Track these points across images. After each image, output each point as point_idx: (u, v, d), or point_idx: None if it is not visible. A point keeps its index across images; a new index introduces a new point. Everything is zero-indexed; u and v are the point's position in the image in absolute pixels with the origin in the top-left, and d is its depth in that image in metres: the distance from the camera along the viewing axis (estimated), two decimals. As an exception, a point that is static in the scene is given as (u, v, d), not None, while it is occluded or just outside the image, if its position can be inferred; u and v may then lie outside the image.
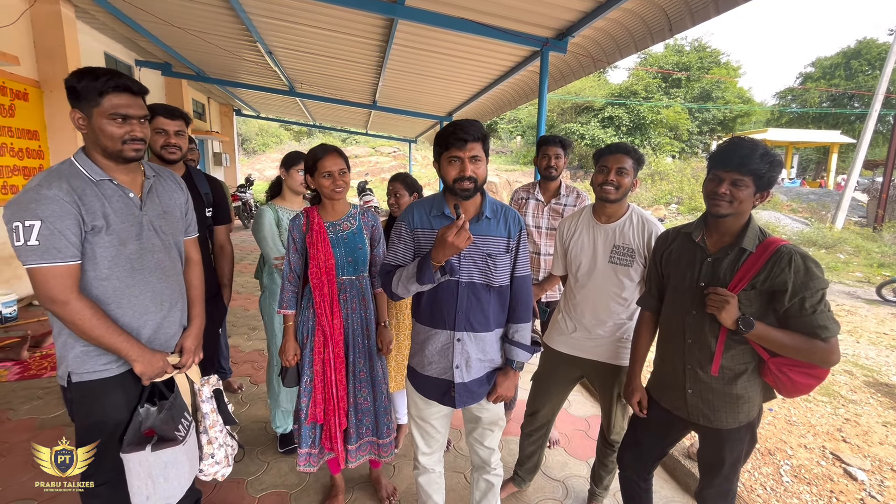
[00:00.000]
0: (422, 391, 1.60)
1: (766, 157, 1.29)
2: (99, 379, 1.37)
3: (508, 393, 1.59)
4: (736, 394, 1.42)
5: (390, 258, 1.55)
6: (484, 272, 1.48)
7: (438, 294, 1.49)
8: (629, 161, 1.76)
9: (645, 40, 3.66)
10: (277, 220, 2.29)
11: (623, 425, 1.97)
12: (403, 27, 4.44)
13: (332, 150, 1.79)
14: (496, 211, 1.53)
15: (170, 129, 1.99)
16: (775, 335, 1.32)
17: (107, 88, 1.25)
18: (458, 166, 1.39)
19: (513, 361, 1.57)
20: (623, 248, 1.81)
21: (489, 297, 1.51)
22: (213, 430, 1.54)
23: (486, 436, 1.68)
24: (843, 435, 3.06)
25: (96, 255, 1.30)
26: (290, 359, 1.85)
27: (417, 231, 1.51)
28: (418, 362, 1.60)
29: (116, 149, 1.31)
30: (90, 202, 1.28)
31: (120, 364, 1.39)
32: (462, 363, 1.51)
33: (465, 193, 1.42)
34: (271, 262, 2.29)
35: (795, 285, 1.28)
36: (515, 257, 1.54)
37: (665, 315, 1.60)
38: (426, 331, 1.55)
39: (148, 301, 1.42)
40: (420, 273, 1.37)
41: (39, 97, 5.13)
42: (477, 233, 1.46)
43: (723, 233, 1.43)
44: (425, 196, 1.71)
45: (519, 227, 1.54)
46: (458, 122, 1.40)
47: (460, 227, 1.27)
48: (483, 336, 1.53)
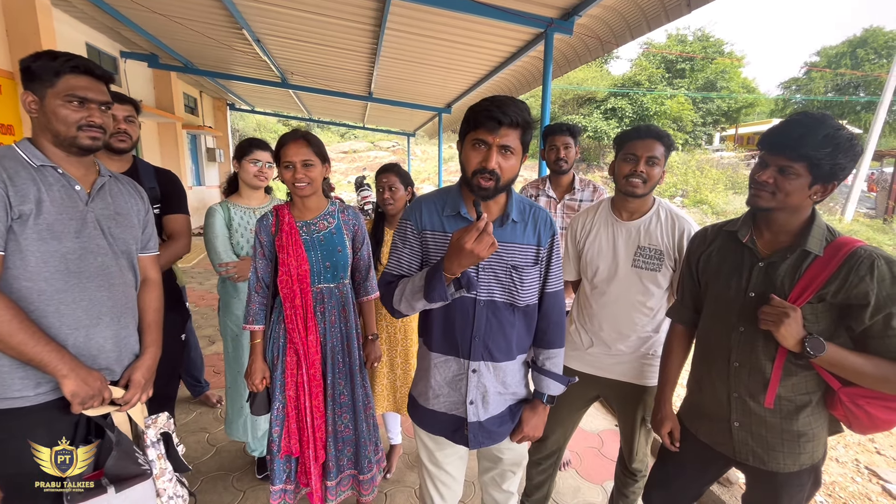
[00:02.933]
0: (426, 426, 1.33)
1: (831, 140, 1.01)
2: (10, 409, 1.11)
3: (537, 433, 1.31)
4: (797, 431, 1.16)
5: (392, 266, 1.27)
6: (507, 288, 1.21)
7: (450, 314, 1.21)
8: (660, 148, 1.47)
9: (659, 18, 3.36)
10: (228, 220, 2.02)
11: (646, 452, 1.72)
12: (396, 9, 4.16)
13: (298, 137, 1.53)
14: (524, 212, 1.24)
15: (119, 114, 1.77)
16: (853, 361, 1.04)
17: (64, 68, 1.14)
18: (483, 153, 1.10)
19: (543, 395, 1.30)
20: (649, 249, 1.53)
21: (513, 318, 1.23)
22: (160, 481, 1.28)
23: (506, 478, 1.41)
24: (876, 446, 2.83)
25: (22, 248, 1.10)
26: (258, 383, 1.59)
27: (426, 233, 1.23)
28: (421, 392, 1.32)
29: (70, 135, 1.16)
30: (22, 184, 1.11)
31: (40, 391, 1.13)
32: (478, 399, 1.24)
33: (482, 193, 1.12)
34: (216, 268, 2.03)
35: (880, 298, 1.01)
36: (547, 270, 1.26)
37: (703, 331, 1.32)
38: (433, 357, 1.27)
39: (81, 312, 1.18)
40: (429, 287, 1.09)
41: (13, 89, 4.86)
42: (500, 239, 1.18)
43: (777, 232, 1.16)
44: (429, 192, 1.39)
45: (551, 233, 1.26)
46: (496, 98, 1.10)
47: (482, 231, 1.00)
48: (504, 366, 1.25)
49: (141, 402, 1.31)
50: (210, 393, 2.92)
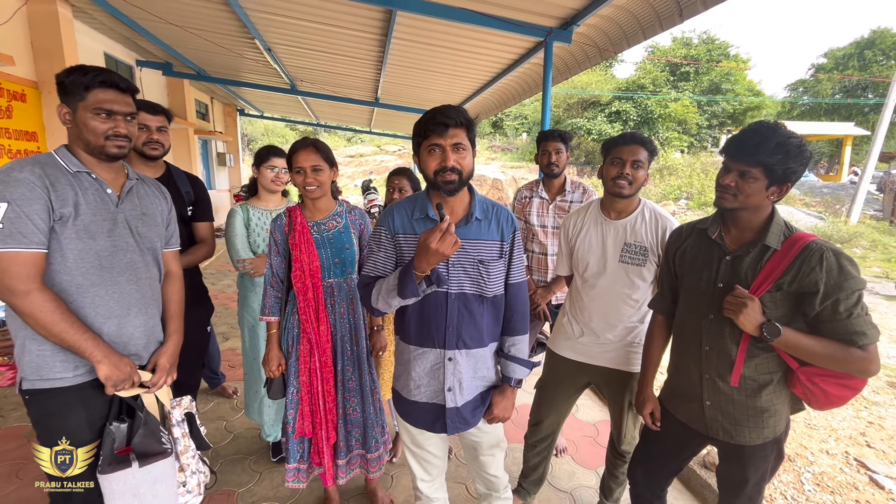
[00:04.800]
0: (409, 419, 1.43)
1: (782, 147, 1.14)
2: (53, 388, 1.25)
3: (506, 414, 1.43)
4: (760, 406, 1.28)
5: (369, 268, 1.36)
6: (476, 281, 1.32)
7: (425, 308, 1.32)
8: (644, 152, 1.62)
9: (653, 27, 3.49)
10: (247, 221, 2.22)
11: (634, 435, 1.85)
12: (402, 19, 4.32)
13: (308, 144, 1.67)
14: (487, 211, 1.36)
15: (152, 124, 1.93)
16: (806, 343, 1.17)
17: (93, 83, 1.25)
18: (439, 156, 1.22)
19: (511, 379, 1.42)
20: (635, 245, 1.67)
21: (482, 308, 1.34)
22: (184, 457, 1.42)
23: (488, 464, 1.53)
24: (867, 439, 2.90)
25: (62, 247, 1.23)
26: (274, 369, 1.73)
27: (399, 236, 1.33)
28: (403, 386, 1.42)
29: (99, 144, 1.28)
30: (62, 189, 1.23)
31: (78, 373, 1.27)
32: (455, 385, 1.35)
33: (448, 187, 1.24)
34: (234, 264, 2.22)
35: (828, 286, 1.14)
36: (509, 262, 1.38)
37: (679, 319, 1.46)
38: (412, 350, 1.37)
39: (113, 303, 1.31)
40: (402, 285, 1.19)
41: (38, 98, 5.07)
42: (466, 237, 1.29)
43: (742, 228, 1.29)
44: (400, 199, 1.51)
45: (513, 229, 1.38)
46: (438, 107, 1.23)
47: (445, 231, 1.10)
48: (477, 353, 1.37)
49: (166, 384, 1.45)
50: (226, 385, 3.09)
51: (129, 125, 1.32)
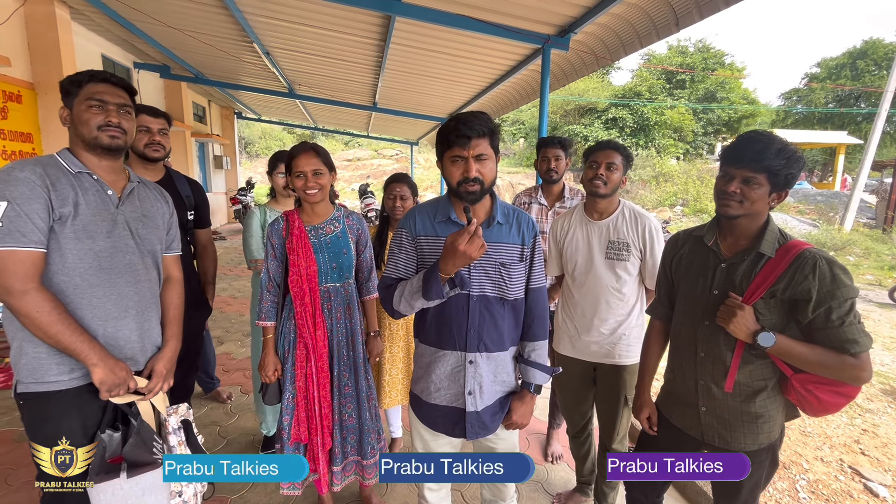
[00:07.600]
0: (428, 422, 1.43)
1: (784, 153, 1.17)
2: (48, 392, 1.24)
3: (525, 420, 1.43)
4: (755, 412, 1.29)
5: (390, 270, 1.38)
6: (497, 284, 1.33)
7: (447, 310, 1.33)
8: (618, 157, 1.77)
9: (650, 36, 3.53)
10: (263, 223, 2.27)
11: (626, 433, 1.91)
12: (401, 25, 4.34)
13: (307, 149, 1.68)
14: (508, 215, 1.38)
15: (153, 126, 1.96)
16: (798, 350, 1.18)
17: (86, 79, 1.28)
18: (462, 167, 1.24)
19: (530, 384, 1.42)
20: (618, 242, 1.80)
21: (503, 311, 1.35)
22: (181, 465, 1.40)
23: None
24: (861, 447, 2.92)
25: (61, 247, 1.22)
26: (270, 374, 1.73)
27: (420, 239, 1.35)
28: (423, 389, 1.41)
29: (92, 136, 1.28)
30: (62, 189, 1.23)
31: (73, 376, 1.26)
32: (476, 388, 1.35)
33: (471, 197, 1.26)
34: (248, 263, 2.28)
35: (821, 294, 1.15)
36: (530, 266, 1.39)
37: (676, 325, 1.46)
38: (432, 352, 1.38)
39: (111, 305, 1.30)
40: (426, 287, 1.21)
41: (34, 99, 5.05)
42: (488, 240, 1.30)
43: (738, 236, 1.30)
44: (427, 200, 1.54)
45: (533, 233, 1.40)
46: (461, 116, 1.23)
47: (473, 234, 1.11)
48: (497, 356, 1.37)
49: (163, 391, 1.42)
50: (220, 389, 3.06)
51: (122, 117, 1.32)
